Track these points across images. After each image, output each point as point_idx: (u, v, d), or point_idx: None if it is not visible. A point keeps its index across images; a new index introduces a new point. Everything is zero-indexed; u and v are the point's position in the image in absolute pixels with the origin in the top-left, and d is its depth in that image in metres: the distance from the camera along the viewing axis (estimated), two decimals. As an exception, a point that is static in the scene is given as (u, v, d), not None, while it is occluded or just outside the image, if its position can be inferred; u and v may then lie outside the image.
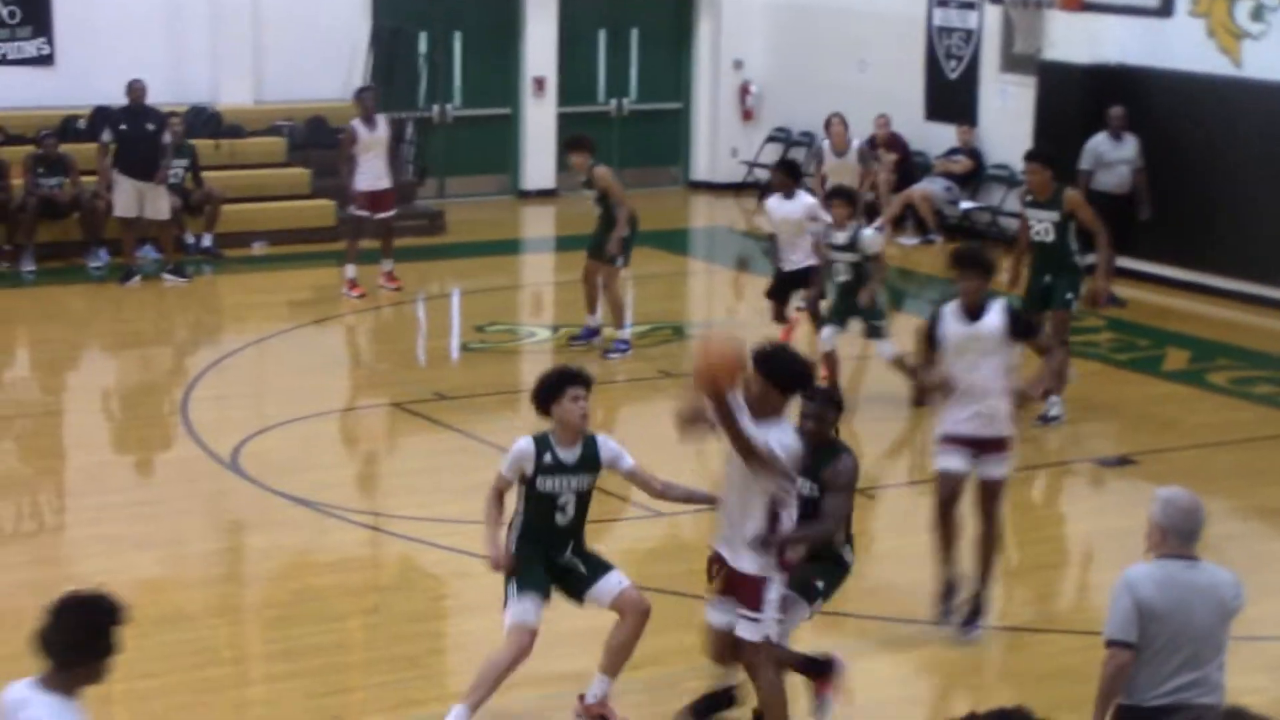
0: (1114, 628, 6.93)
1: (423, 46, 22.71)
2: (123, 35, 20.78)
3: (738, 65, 24.51)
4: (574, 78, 23.92)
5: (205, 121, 20.82)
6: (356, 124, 17.86)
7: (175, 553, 11.27)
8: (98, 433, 13.84)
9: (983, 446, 10.07)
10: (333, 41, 21.98)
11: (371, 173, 17.84)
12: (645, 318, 17.49)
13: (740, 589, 8.33)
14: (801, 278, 15.12)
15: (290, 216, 19.69)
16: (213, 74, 21.23)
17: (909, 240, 21.22)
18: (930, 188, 21.39)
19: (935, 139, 22.01)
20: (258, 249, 19.96)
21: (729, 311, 18.55)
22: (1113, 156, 18.08)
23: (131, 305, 17.82)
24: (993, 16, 21.16)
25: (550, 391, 8.73)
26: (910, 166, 21.76)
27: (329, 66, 21.77)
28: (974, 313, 10.01)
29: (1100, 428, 14.19)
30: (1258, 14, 18.49)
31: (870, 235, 14.43)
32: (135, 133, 18.21)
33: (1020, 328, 10.15)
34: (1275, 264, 18.10)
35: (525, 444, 8.74)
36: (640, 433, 14.06)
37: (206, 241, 19.52)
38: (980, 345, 9.98)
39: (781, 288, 15.51)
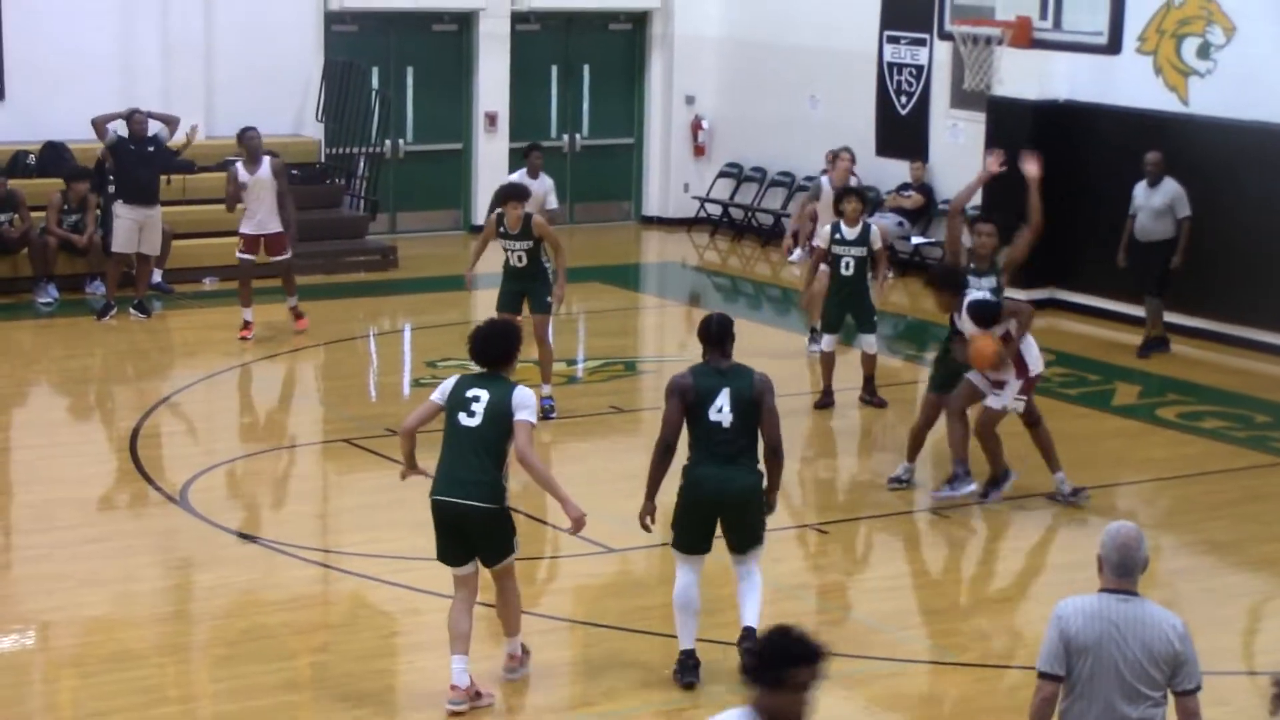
0: (1041, 660, 6.98)
1: (375, 82, 22.71)
2: (74, 70, 20.72)
3: (689, 101, 24.59)
4: (526, 113, 23.95)
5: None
6: (239, 166, 17.35)
7: (123, 590, 11.19)
8: (45, 470, 13.74)
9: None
10: (285, 77, 21.97)
11: (255, 216, 17.33)
12: (597, 353, 17.49)
13: None
14: None
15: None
16: (164, 109, 21.14)
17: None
18: (882, 223, 21.42)
19: (886, 174, 22.11)
20: (208, 284, 19.89)
21: (681, 346, 18.54)
22: (1146, 203, 17.60)
23: (81, 341, 17.73)
24: (943, 53, 21.29)
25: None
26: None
27: (281, 102, 21.72)
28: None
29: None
30: (1204, 52, 18.64)
31: (878, 228, 15.85)
32: (137, 161, 18.24)
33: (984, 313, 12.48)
34: (1219, 298, 18.20)
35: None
36: (594, 468, 14.05)
37: (156, 277, 19.43)
38: None
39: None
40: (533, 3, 23.44)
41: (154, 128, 18.64)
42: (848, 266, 15.56)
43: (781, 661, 5.95)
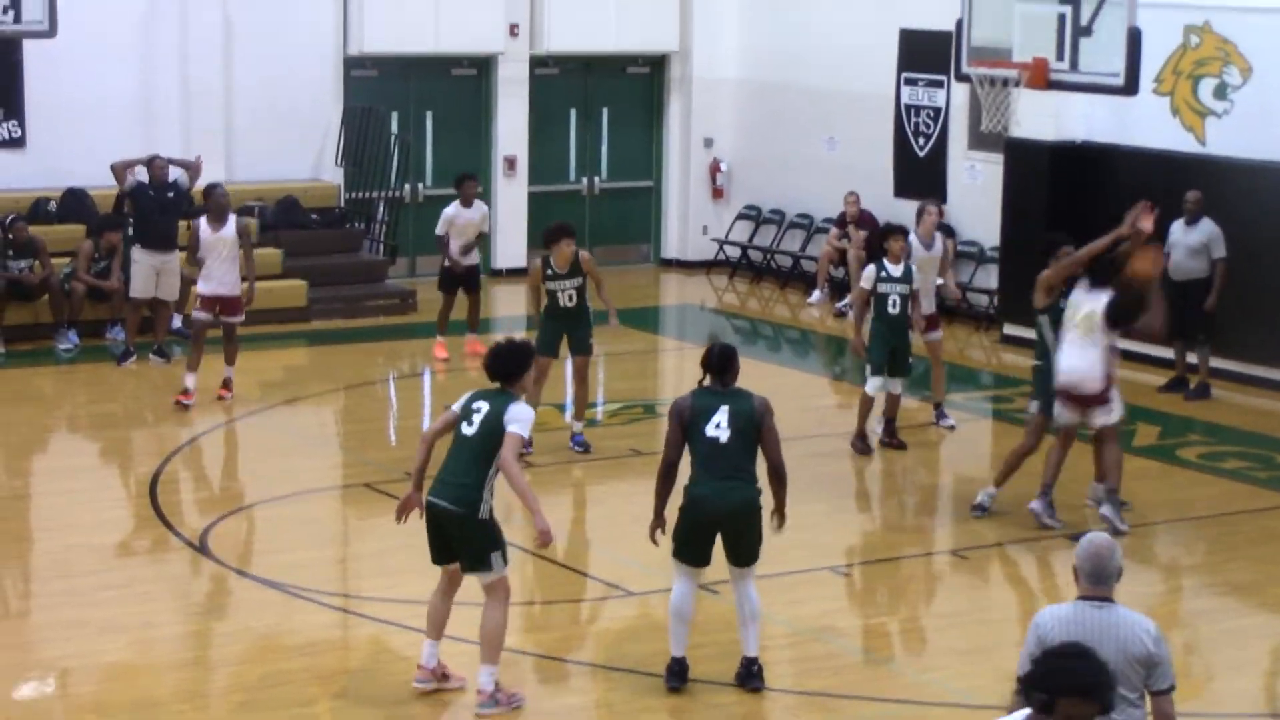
0: (1019, 666, 7.18)
1: (394, 126, 22.80)
2: (95, 116, 20.83)
3: (708, 143, 24.64)
4: (545, 157, 24.03)
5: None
6: (201, 223, 16.74)
7: (143, 637, 11.20)
8: (65, 516, 13.76)
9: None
10: (305, 122, 22.07)
11: (215, 276, 16.63)
12: (617, 395, 17.50)
13: None
14: None
15: (262, 296, 19.62)
16: (184, 154, 21.25)
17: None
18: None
19: (905, 216, 22.07)
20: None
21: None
22: (1183, 240, 17.48)
23: (101, 387, 17.78)
24: (960, 94, 21.30)
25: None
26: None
27: (301, 147, 21.83)
28: None
29: (1072, 501, 14.16)
30: (1221, 92, 18.65)
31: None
32: (157, 207, 18.33)
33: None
34: (1241, 338, 18.15)
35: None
36: (613, 510, 14.06)
37: (176, 322, 19.48)
38: None
39: None
40: (551, 47, 23.52)
41: (174, 173, 18.73)
42: (894, 305, 15.44)
43: (1056, 688, 5.94)
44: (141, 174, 18.69)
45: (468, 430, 9.89)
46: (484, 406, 9.88)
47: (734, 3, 24.43)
